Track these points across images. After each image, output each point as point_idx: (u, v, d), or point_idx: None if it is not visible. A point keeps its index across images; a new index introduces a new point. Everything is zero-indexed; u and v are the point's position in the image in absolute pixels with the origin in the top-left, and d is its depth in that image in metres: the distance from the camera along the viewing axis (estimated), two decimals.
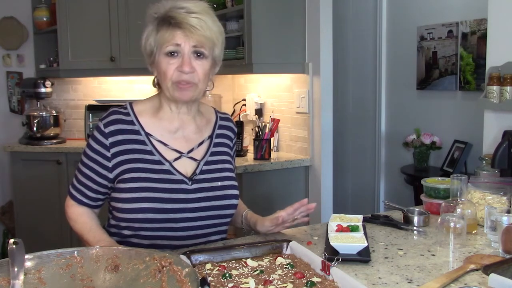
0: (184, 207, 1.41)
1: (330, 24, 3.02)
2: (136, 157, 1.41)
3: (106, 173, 1.42)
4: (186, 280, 0.92)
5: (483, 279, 1.13)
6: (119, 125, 1.43)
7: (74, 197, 1.47)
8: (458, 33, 3.27)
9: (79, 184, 1.46)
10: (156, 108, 1.48)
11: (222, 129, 1.58)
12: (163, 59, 1.39)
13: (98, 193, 1.46)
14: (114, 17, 3.53)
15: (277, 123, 3.17)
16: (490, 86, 2.05)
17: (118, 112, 1.45)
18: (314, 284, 1.05)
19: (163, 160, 1.43)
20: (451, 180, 1.56)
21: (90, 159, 1.44)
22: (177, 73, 1.38)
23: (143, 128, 1.44)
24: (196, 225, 1.43)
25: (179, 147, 1.46)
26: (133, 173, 1.40)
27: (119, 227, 1.43)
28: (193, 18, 1.36)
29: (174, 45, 1.37)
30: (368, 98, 4.03)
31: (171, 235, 1.42)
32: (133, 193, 1.38)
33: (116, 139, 1.42)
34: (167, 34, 1.37)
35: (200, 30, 1.36)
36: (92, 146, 1.44)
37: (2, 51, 4.07)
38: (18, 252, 0.96)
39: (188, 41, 1.37)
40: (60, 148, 3.56)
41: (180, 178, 1.42)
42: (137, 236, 1.42)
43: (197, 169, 1.46)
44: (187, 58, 1.37)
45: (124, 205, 1.39)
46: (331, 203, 3.09)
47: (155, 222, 1.39)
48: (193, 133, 1.50)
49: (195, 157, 1.48)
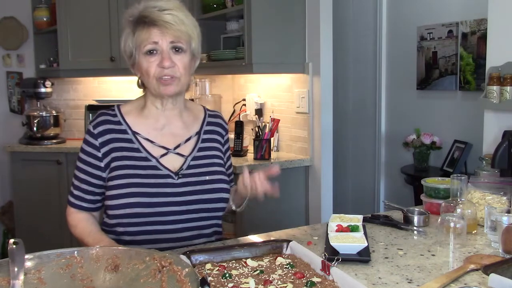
0: (170, 200, 1.43)
1: (330, 24, 3.02)
2: (123, 155, 1.45)
3: (100, 173, 1.46)
4: (186, 280, 0.92)
5: (483, 279, 1.13)
6: (107, 125, 1.47)
7: (73, 204, 1.50)
8: (458, 33, 3.27)
9: (76, 190, 1.49)
10: (141, 108, 1.53)
11: (211, 126, 1.60)
12: (143, 58, 1.43)
13: (95, 195, 1.48)
14: (114, 17, 3.52)
15: (277, 123, 3.17)
16: (490, 86, 2.05)
17: (105, 113, 1.50)
18: (314, 284, 1.05)
19: (149, 157, 1.46)
20: (451, 180, 1.56)
21: (84, 162, 1.47)
22: (159, 69, 1.41)
23: (130, 127, 1.49)
24: (184, 218, 1.46)
25: (166, 144, 1.49)
26: (121, 170, 1.43)
27: (112, 225, 1.46)
28: (166, 15, 1.40)
29: (151, 43, 1.41)
30: (368, 98, 4.03)
31: (160, 229, 1.44)
32: (120, 189, 1.41)
33: (105, 138, 1.46)
34: (144, 33, 1.41)
35: (175, 25, 1.40)
36: (84, 149, 1.48)
37: (2, 51, 4.07)
38: (18, 252, 0.96)
39: (164, 37, 1.40)
40: (60, 148, 3.56)
41: (166, 173, 1.45)
42: (127, 233, 1.44)
43: (184, 164, 1.49)
44: (166, 54, 1.41)
45: (113, 201, 1.42)
46: (331, 203, 3.08)
47: (143, 216, 1.42)
48: (180, 129, 1.53)
49: (182, 153, 1.50)
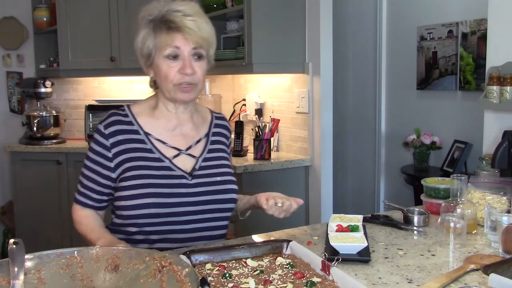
0: (185, 201, 1.44)
1: (330, 24, 3.01)
2: (136, 156, 1.45)
3: (109, 174, 1.45)
4: (186, 280, 0.92)
5: (483, 279, 1.13)
6: (118, 126, 1.46)
7: (80, 202, 1.50)
8: (458, 33, 3.27)
9: (83, 188, 1.49)
10: (152, 108, 1.53)
11: (218, 128, 1.62)
12: (163, 62, 1.42)
13: (103, 194, 1.48)
14: (114, 17, 3.53)
15: (277, 123, 3.17)
16: (490, 86, 2.05)
17: (117, 114, 1.49)
18: (314, 284, 1.06)
19: (162, 157, 1.46)
20: (451, 180, 1.56)
21: (93, 162, 1.47)
22: (179, 75, 1.42)
23: (142, 128, 1.48)
24: (198, 218, 1.47)
25: (178, 145, 1.50)
26: (135, 171, 1.43)
27: (124, 225, 1.46)
28: (190, 21, 1.40)
29: (174, 47, 1.41)
30: (368, 98, 4.03)
31: (175, 229, 1.45)
32: (135, 190, 1.41)
33: (117, 139, 1.45)
34: (166, 37, 1.41)
35: (198, 32, 1.41)
36: (94, 149, 1.47)
37: (2, 51, 4.07)
38: (18, 252, 0.96)
39: (187, 43, 1.41)
40: (60, 148, 3.56)
41: (180, 173, 1.46)
42: (142, 233, 1.44)
43: (196, 165, 1.50)
44: (187, 60, 1.42)
45: (127, 202, 1.42)
46: (331, 203, 3.08)
47: (158, 217, 1.42)
48: (190, 130, 1.55)
49: (194, 154, 1.52)
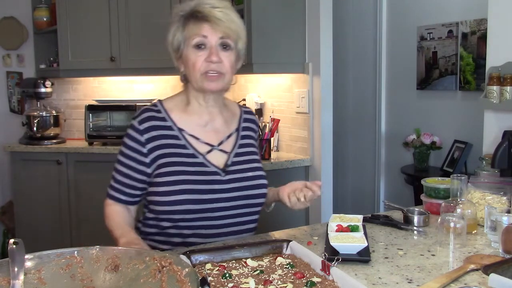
0: (219, 197, 1.46)
1: (330, 24, 3.02)
2: (171, 152, 1.47)
3: (144, 169, 1.47)
4: (186, 280, 0.92)
5: (483, 279, 1.13)
6: (152, 122, 1.49)
7: (112, 197, 1.52)
8: (458, 33, 3.27)
9: (117, 183, 1.51)
10: (184, 104, 1.55)
11: (247, 123, 1.65)
12: (191, 51, 1.46)
13: (136, 189, 1.50)
14: (114, 17, 3.52)
15: (277, 123, 3.17)
16: (490, 86, 2.05)
17: (150, 110, 1.51)
18: (314, 284, 1.05)
19: (196, 153, 1.49)
20: (451, 180, 1.56)
21: (127, 157, 1.49)
22: (206, 63, 1.45)
23: (175, 124, 1.51)
24: (231, 213, 1.49)
25: (210, 140, 1.52)
26: (170, 167, 1.45)
27: (158, 219, 1.47)
28: (218, 12, 1.44)
29: (201, 36, 1.44)
30: (368, 98, 4.03)
31: (208, 224, 1.47)
32: (171, 186, 1.43)
33: (151, 135, 1.47)
34: (194, 27, 1.45)
35: (226, 23, 1.44)
36: (128, 144, 1.49)
37: (2, 51, 4.07)
38: (18, 252, 0.96)
39: (214, 33, 1.44)
40: (60, 148, 3.56)
41: (214, 169, 1.48)
42: (176, 227, 1.46)
43: (228, 161, 1.52)
44: (214, 49, 1.45)
45: (163, 198, 1.43)
46: (331, 203, 3.08)
47: (193, 213, 1.44)
48: (221, 125, 1.57)
49: (225, 149, 1.54)
